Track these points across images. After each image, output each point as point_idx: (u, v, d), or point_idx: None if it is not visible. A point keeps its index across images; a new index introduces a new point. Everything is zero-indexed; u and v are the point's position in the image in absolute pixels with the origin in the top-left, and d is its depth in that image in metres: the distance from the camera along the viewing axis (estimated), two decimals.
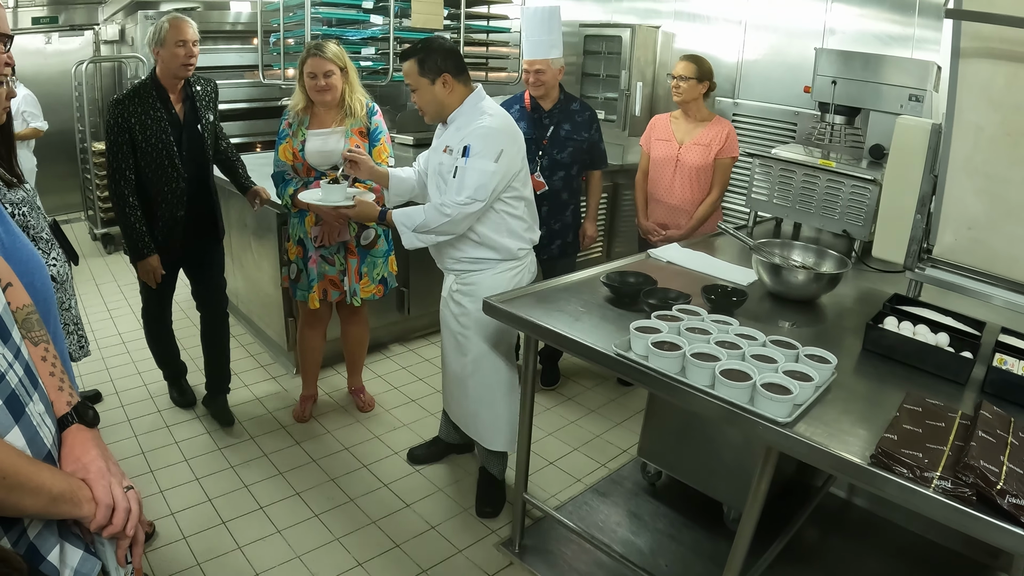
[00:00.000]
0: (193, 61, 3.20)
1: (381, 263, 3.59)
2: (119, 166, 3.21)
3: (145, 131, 3.18)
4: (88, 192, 7.02)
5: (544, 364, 4.30)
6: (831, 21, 4.22)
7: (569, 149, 3.77)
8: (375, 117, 3.45)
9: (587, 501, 3.14)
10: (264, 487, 3.26)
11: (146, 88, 3.22)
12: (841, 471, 1.67)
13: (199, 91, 3.37)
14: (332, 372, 4.31)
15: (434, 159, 2.87)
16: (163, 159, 3.23)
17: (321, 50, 3.26)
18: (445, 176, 2.78)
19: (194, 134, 3.33)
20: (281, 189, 3.45)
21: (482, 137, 2.69)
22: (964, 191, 2.42)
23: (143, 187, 3.28)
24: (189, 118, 3.32)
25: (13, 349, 1.15)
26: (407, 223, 2.75)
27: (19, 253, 1.46)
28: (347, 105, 3.36)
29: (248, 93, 7.00)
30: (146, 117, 3.18)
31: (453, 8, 4.83)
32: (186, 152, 3.31)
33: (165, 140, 3.21)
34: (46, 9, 7.79)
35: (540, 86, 3.67)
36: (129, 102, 3.18)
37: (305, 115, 3.39)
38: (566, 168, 3.79)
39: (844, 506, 3.16)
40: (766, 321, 2.45)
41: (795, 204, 3.37)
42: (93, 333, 4.74)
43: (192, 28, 3.19)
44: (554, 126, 3.74)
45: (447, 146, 2.78)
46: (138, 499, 1.25)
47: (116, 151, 3.20)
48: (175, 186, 3.28)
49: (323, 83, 3.26)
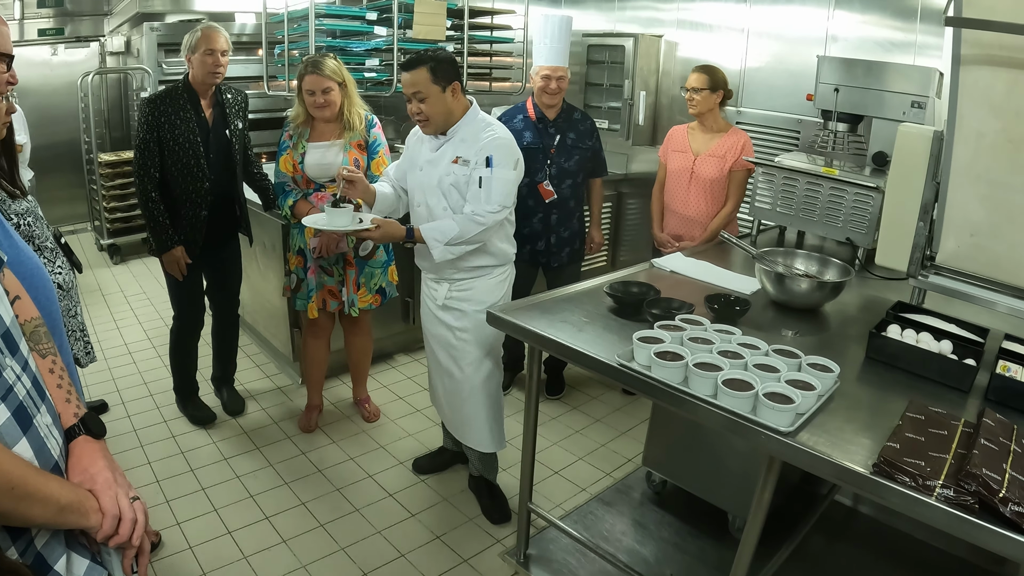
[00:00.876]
0: (221, 70, 3.34)
1: (379, 273, 3.61)
2: (144, 163, 3.32)
3: (174, 130, 3.30)
4: (95, 203, 7.05)
5: (549, 374, 4.31)
6: (833, 28, 4.22)
7: (576, 157, 3.82)
8: (374, 130, 3.48)
9: (592, 510, 3.14)
10: (270, 497, 3.27)
11: (178, 91, 3.36)
12: (844, 480, 1.67)
13: (229, 99, 3.51)
14: (337, 382, 4.32)
15: (434, 172, 2.85)
16: (190, 159, 3.34)
17: (319, 67, 3.30)
18: (460, 187, 2.80)
19: (222, 139, 3.46)
20: (281, 200, 3.50)
21: (501, 147, 2.77)
22: (967, 198, 2.42)
23: (168, 186, 3.38)
24: (218, 123, 3.45)
25: (21, 361, 1.17)
26: (439, 237, 2.75)
27: (24, 267, 1.48)
28: (346, 119, 3.40)
29: (253, 104, 7.01)
30: (176, 118, 3.30)
31: (456, 19, 4.85)
32: (213, 155, 3.42)
33: (192, 141, 3.33)
34: (52, 21, 7.85)
35: (558, 93, 3.71)
36: (161, 102, 3.31)
37: (305, 128, 3.44)
38: (573, 176, 3.83)
39: (849, 514, 3.15)
40: (769, 330, 2.45)
41: (798, 212, 3.37)
42: (100, 343, 4.76)
43: (222, 38, 3.32)
44: (560, 135, 3.77)
45: (457, 157, 2.79)
46: (144, 509, 1.26)
47: (144, 148, 3.32)
48: (200, 186, 3.39)
49: (321, 100, 3.31)
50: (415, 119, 2.82)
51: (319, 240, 3.42)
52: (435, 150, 2.87)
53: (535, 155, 3.71)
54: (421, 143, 2.94)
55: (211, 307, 3.88)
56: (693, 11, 5.02)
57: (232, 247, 3.77)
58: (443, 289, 2.97)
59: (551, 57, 3.68)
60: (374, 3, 4.77)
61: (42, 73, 7.74)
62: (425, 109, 2.75)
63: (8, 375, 1.10)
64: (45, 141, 7.12)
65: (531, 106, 3.80)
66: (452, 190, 2.82)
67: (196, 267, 3.57)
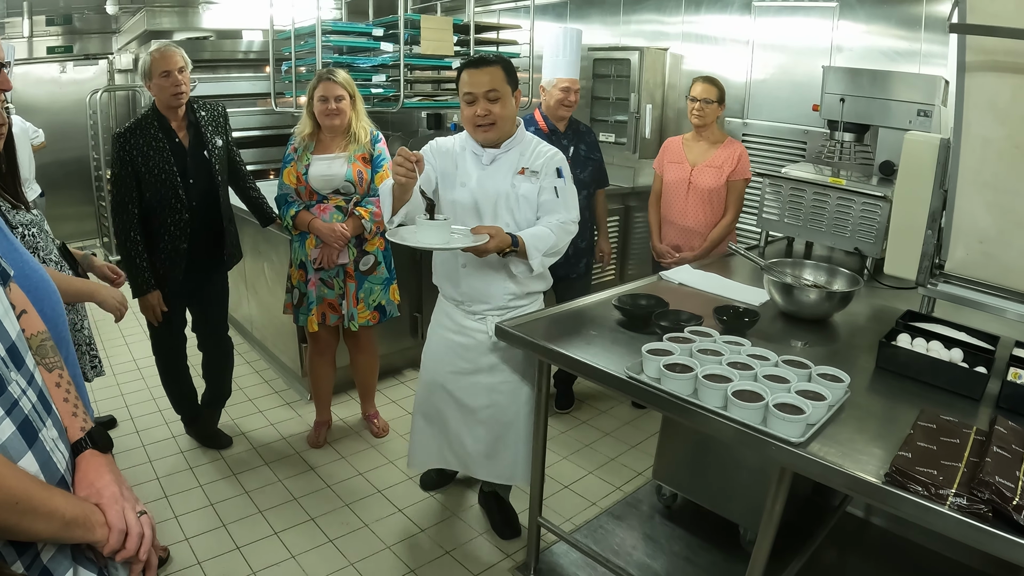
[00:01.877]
0: (183, 89, 3.18)
1: (379, 290, 3.59)
2: (122, 200, 3.19)
3: (148, 162, 3.16)
4: (103, 219, 7.10)
5: (559, 387, 4.29)
6: (838, 39, 4.23)
7: (589, 169, 3.83)
8: (379, 145, 3.50)
9: (602, 524, 3.12)
10: (279, 512, 3.26)
11: (148, 119, 3.22)
12: (855, 490, 1.66)
13: (204, 116, 3.35)
14: (346, 398, 4.32)
15: (493, 185, 2.70)
16: (167, 190, 3.20)
17: (333, 75, 3.33)
18: (531, 198, 2.68)
19: (200, 160, 3.31)
20: (283, 211, 3.49)
21: (563, 160, 2.74)
22: (974, 205, 2.42)
23: (146, 218, 3.25)
24: (194, 145, 3.30)
25: (27, 375, 1.17)
26: (539, 246, 2.61)
27: (30, 280, 1.48)
28: (353, 132, 3.41)
29: (260, 121, 7.09)
30: (148, 148, 3.16)
31: (462, 34, 4.87)
32: (193, 180, 3.27)
33: (168, 170, 3.18)
34: (61, 38, 7.94)
35: (571, 106, 3.71)
36: (131, 134, 3.17)
37: (311, 141, 3.44)
38: (587, 187, 3.83)
39: (862, 525, 3.12)
40: (778, 341, 2.44)
41: (806, 223, 3.37)
42: (108, 359, 4.77)
43: (176, 56, 3.16)
44: (573, 147, 3.76)
45: (524, 167, 2.69)
46: (151, 524, 1.26)
47: (120, 184, 3.19)
48: (178, 217, 3.25)
49: (334, 107, 3.31)
50: (478, 122, 2.63)
51: (320, 250, 3.43)
52: (489, 163, 2.72)
53: None
54: (455, 159, 2.77)
55: (198, 341, 3.71)
56: (698, 24, 5.04)
57: (216, 279, 3.57)
58: (487, 324, 2.79)
59: (569, 70, 3.68)
60: (380, 19, 4.80)
61: (51, 91, 7.83)
62: (496, 111, 2.60)
63: (13, 389, 1.10)
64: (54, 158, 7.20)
65: (540, 118, 3.77)
66: (522, 202, 2.69)
67: (177, 299, 3.43)
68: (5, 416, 1.06)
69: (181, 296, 3.46)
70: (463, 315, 2.86)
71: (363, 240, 3.49)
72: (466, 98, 2.63)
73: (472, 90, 2.60)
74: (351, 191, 3.42)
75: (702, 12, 5.00)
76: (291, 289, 3.63)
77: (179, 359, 3.66)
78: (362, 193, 3.44)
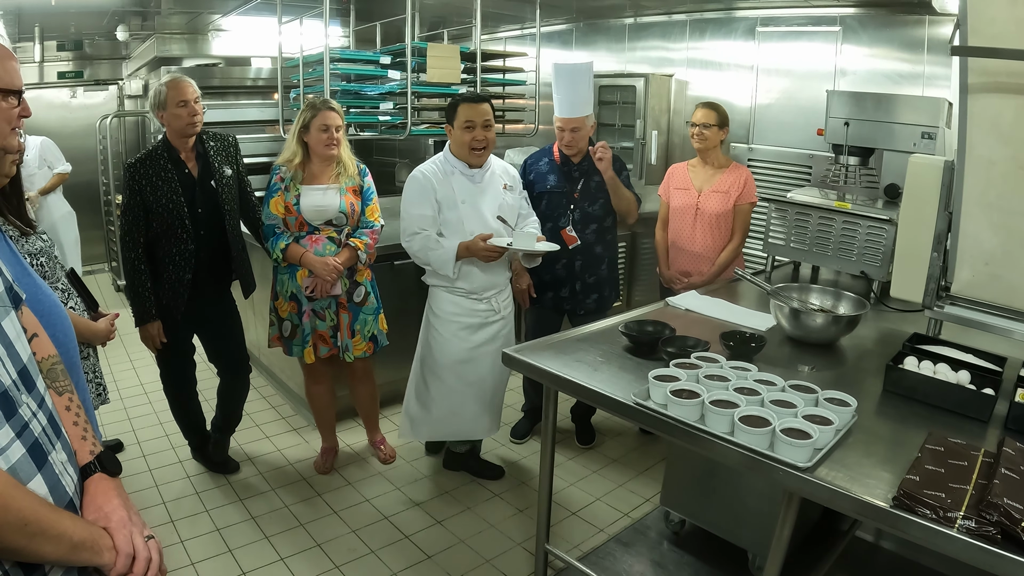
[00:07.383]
0: (198, 119, 3.22)
1: (372, 320, 3.58)
2: (130, 229, 3.22)
3: (156, 192, 3.19)
4: (112, 244, 7.14)
5: (577, 423, 4.22)
6: (842, 63, 4.26)
7: (601, 201, 3.68)
8: (367, 178, 3.51)
9: (610, 551, 3.10)
10: (285, 538, 3.25)
11: (158, 151, 3.25)
12: (863, 515, 1.65)
13: (213, 146, 3.37)
14: (353, 424, 4.31)
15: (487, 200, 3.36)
16: (174, 220, 3.22)
17: (330, 105, 3.33)
18: (515, 206, 3.47)
19: (208, 190, 3.32)
20: (272, 243, 3.39)
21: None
22: (979, 227, 2.42)
23: (152, 248, 3.28)
24: (203, 175, 3.32)
25: (37, 398, 1.18)
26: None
27: (42, 304, 1.50)
28: (343, 162, 3.42)
29: (269, 147, 7.13)
30: (157, 179, 3.19)
31: (469, 62, 4.92)
32: (202, 209, 3.30)
33: (176, 201, 3.21)
34: (71, 64, 8.04)
35: (572, 144, 3.58)
36: (141, 165, 3.20)
37: (299, 170, 3.39)
38: (599, 220, 3.71)
39: (872, 550, 3.10)
40: (785, 366, 2.43)
41: (812, 247, 3.37)
42: (116, 383, 4.78)
43: (191, 87, 3.21)
44: (584, 178, 3.66)
45: (505, 183, 3.42)
46: (159, 548, 1.26)
47: (129, 214, 3.22)
48: (183, 248, 3.26)
49: (336, 137, 3.32)
50: (475, 146, 3.26)
51: (312, 280, 3.37)
52: (478, 182, 3.35)
53: (559, 200, 3.65)
54: (448, 182, 3.31)
55: (218, 374, 3.73)
56: (703, 50, 5.08)
57: (223, 308, 3.57)
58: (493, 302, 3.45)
59: (565, 109, 3.53)
60: (388, 47, 4.85)
61: (61, 115, 7.92)
62: (491, 137, 3.29)
63: (24, 412, 1.11)
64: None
65: (556, 149, 3.71)
66: (511, 210, 3.42)
67: (184, 328, 3.45)
68: (15, 439, 1.07)
69: (189, 324, 3.46)
70: (472, 302, 3.41)
71: (354, 271, 3.49)
72: (466, 125, 3.24)
73: (473, 119, 3.24)
74: (343, 222, 3.40)
75: (707, 38, 5.05)
76: (278, 322, 3.57)
77: (187, 386, 3.67)
78: (353, 225, 3.44)
